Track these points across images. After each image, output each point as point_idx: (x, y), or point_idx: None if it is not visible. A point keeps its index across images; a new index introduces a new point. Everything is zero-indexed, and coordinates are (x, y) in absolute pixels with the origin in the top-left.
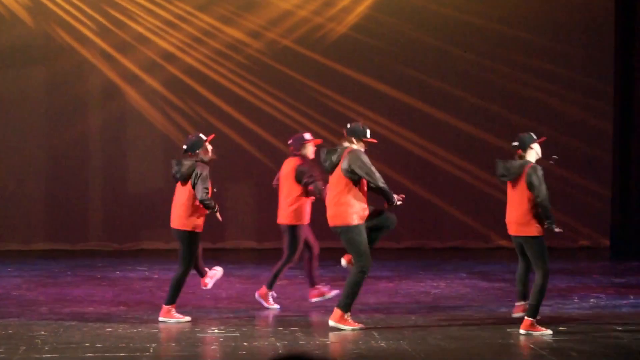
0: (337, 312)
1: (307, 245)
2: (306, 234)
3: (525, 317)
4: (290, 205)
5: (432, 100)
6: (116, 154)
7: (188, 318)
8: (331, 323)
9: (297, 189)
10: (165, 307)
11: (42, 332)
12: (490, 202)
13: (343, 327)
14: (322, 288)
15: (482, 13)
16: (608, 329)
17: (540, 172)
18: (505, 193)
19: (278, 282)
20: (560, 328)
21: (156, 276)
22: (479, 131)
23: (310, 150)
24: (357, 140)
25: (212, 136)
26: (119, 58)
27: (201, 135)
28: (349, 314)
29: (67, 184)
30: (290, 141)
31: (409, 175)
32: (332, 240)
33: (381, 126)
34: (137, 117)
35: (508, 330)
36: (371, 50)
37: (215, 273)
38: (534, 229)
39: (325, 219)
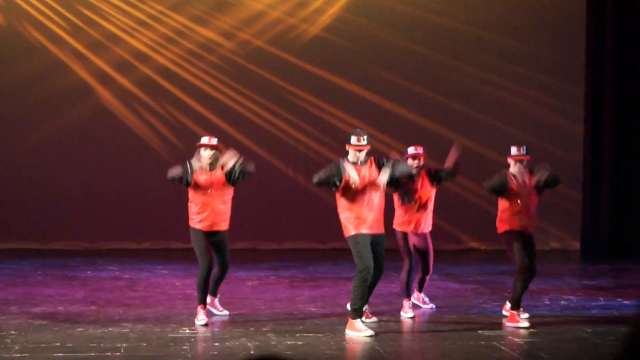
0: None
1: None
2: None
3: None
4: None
5: (402, 101)
6: (88, 153)
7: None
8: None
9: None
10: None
11: (12, 332)
12: (461, 204)
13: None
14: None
15: (452, 15)
16: (578, 331)
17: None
18: (477, 195)
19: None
20: (531, 330)
21: (127, 276)
22: (449, 133)
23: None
24: (347, 148)
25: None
26: (91, 57)
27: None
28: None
29: (38, 184)
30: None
31: None
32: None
33: (353, 126)
34: (109, 116)
35: (479, 331)
36: (343, 51)
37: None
38: (501, 227)
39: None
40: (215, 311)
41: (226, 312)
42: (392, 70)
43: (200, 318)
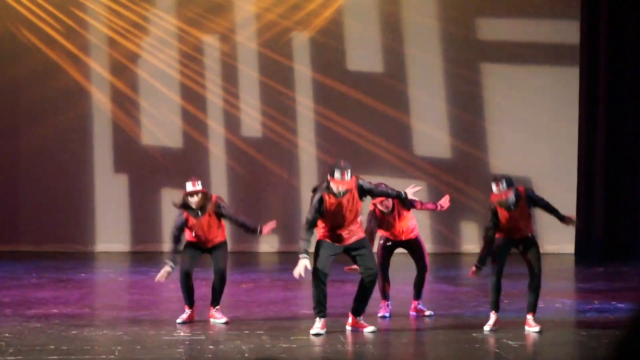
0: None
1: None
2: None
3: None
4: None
5: (397, 104)
6: (82, 155)
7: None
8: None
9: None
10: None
11: (6, 334)
12: (455, 207)
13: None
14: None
15: (447, 18)
16: (573, 334)
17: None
18: (471, 198)
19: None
20: (525, 333)
21: (121, 279)
22: (442, 134)
23: None
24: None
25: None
26: (86, 59)
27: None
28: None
29: (32, 186)
30: None
31: (372, 177)
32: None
33: (346, 129)
34: (103, 118)
35: (474, 334)
36: (338, 54)
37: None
38: None
39: None
40: (213, 320)
41: (224, 319)
42: (388, 73)
43: (181, 316)
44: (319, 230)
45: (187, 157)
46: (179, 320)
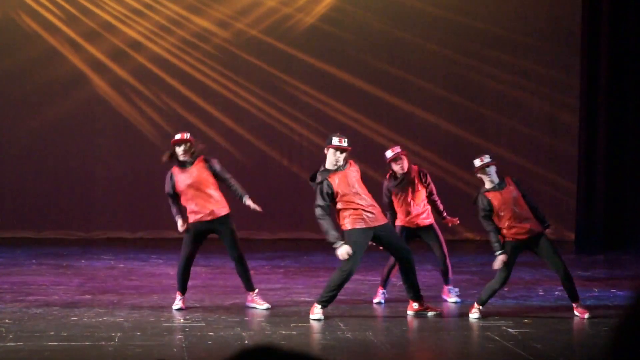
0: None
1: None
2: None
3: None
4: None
5: (398, 91)
6: (82, 142)
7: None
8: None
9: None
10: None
11: (7, 320)
12: (455, 195)
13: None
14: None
15: (448, 5)
16: (572, 322)
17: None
18: (471, 186)
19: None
20: (525, 320)
21: (122, 265)
22: (444, 122)
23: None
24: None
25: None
26: (86, 46)
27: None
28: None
29: (33, 172)
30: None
31: (376, 167)
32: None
33: (347, 116)
34: (104, 105)
35: (474, 322)
36: (338, 41)
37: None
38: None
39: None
40: (254, 305)
41: (265, 305)
42: (388, 60)
43: (175, 303)
44: (345, 219)
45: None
46: (175, 307)
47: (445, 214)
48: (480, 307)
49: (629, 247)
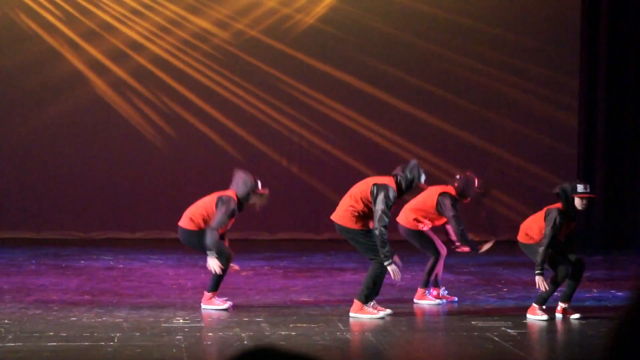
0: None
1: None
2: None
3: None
4: None
5: (397, 92)
6: (81, 142)
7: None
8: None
9: None
10: None
11: (6, 321)
12: None
13: (362, 316)
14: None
15: (448, 6)
16: (571, 322)
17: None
18: None
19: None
20: (524, 321)
21: (121, 266)
22: (443, 123)
23: None
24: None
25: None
26: (85, 46)
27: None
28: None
29: (32, 173)
30: None
31: (372, 166)
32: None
33: (347, 117)
34: (102, 105)
35: (472, 322)
36: (338, 42)
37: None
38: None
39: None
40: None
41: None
42: (387, 60)
43: (216, 303)
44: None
45: (187, 144)
46: (226, 306)
47: (454, 237)
48: (565, 306)
49: (628, 247)
